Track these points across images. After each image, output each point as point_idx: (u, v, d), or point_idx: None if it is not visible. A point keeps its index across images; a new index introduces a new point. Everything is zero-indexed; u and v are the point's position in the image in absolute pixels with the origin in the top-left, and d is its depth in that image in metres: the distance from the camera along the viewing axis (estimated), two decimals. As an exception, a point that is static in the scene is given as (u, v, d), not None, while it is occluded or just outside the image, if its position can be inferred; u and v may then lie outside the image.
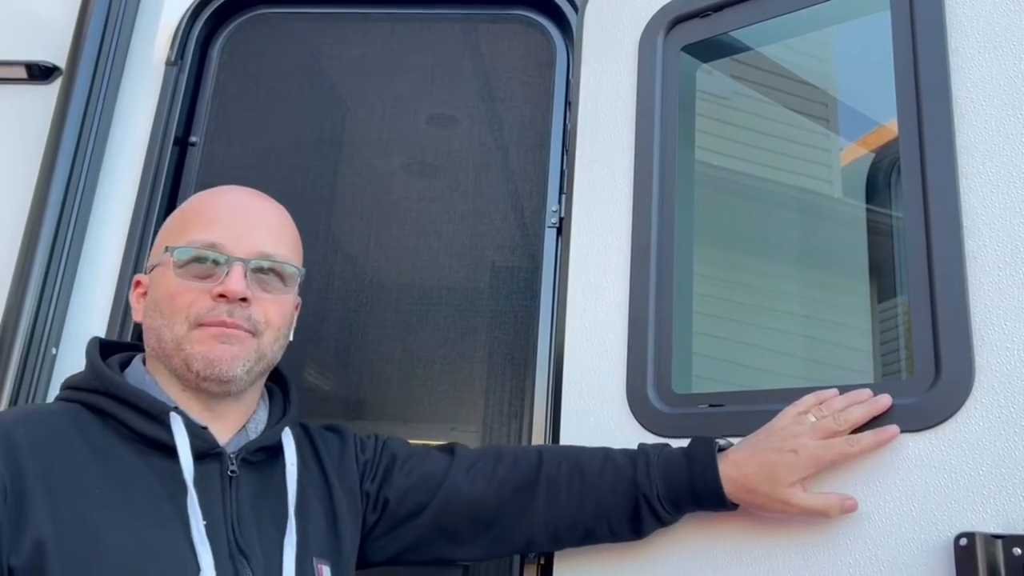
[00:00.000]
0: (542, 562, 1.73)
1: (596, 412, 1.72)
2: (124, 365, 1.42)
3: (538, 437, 1.91)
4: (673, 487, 1.46)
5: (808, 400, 1.45)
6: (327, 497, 1.47)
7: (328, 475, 1.49)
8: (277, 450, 1.43)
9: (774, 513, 1.44)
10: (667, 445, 1.53)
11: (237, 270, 1.35)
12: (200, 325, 1.34)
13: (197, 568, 1.22)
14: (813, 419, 1.42)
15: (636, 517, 1.48)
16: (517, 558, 1.79)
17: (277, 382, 1.54)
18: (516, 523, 1.52)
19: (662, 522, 1.49)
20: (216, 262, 1.36)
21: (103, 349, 1.41)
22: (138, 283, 1.47)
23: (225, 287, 1.34)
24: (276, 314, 1.40)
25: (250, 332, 1.36)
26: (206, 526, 1.25)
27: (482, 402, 2.08)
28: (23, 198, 2.12)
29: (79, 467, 1.22)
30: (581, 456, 1.53)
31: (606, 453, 1.53)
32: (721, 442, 1.49)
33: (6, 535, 1.12)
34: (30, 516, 1.14)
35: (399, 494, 1.52)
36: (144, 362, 1.42)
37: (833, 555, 1.41)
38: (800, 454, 1.39)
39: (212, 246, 1.37)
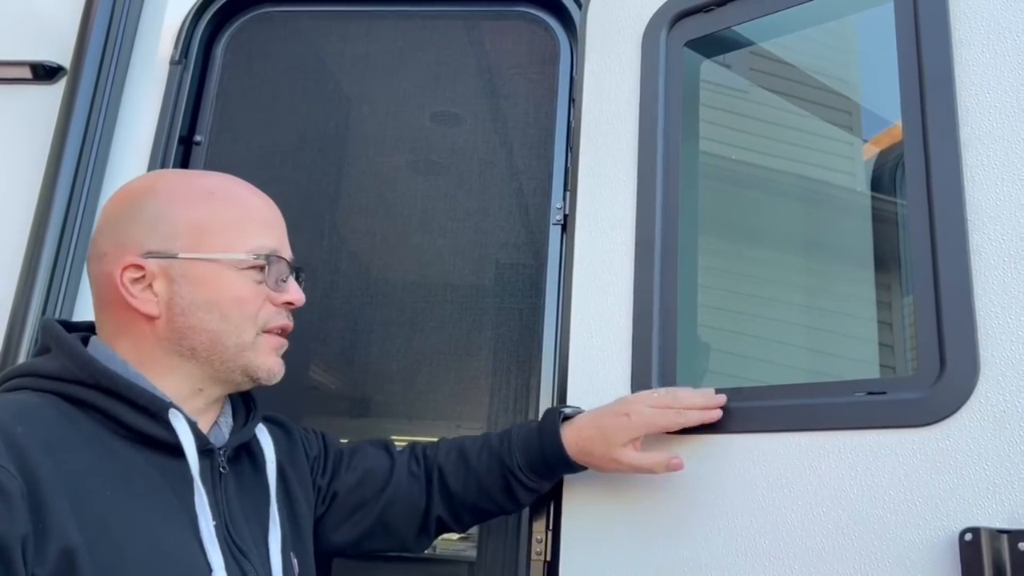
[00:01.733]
0: (547, 559, 1.73)
1: (601, 408, 1.72)
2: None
3: (543, 434, 1.91)
4: (529, 456, 1.61)
5: (660, 389, 1.62)
6: (286, 490, 1.48)
7: (284, 469, 1.50)
8: (244, 445, 1.43)
9: (609, 471, 1.59)
10: (532, 421, 1.69)
11: (294, 279, 1.40)
12: (265, 332, 1.36)
13: (208, 569, 1.20)
14: (656, 395, 1.58)
15: (508, 489, 1.62)
16: (524, 554, 1.80)
17: None
18: (430, 511, 1.63)
19: (531, 489, 1.63)
20: (279, 269, 1.37)
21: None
22: (136, 267, 1.30)
23: (293, 296, 1.37)
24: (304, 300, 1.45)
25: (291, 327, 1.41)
26: (214, 526, 1.24)
27: (487, 399, 2.08)
28: (29, 198, 2.12)
29: (85, 466, 1.16)
30: (465, 443, 1.67)
31: (485, 437, 1.68)
32: (567, 410, 1.64)
33: (31, 545, 1.04)
34: (51, 522, 1.06)
35: (347, 489, 1.59)
36: (102, 342, 1.33)
37: (837, 550, 1.40)
38: (632, 418, 1.54)
39: (275, 251, 1.37)
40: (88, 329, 1.37)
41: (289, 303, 1.37)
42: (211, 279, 1.31)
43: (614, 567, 1.61)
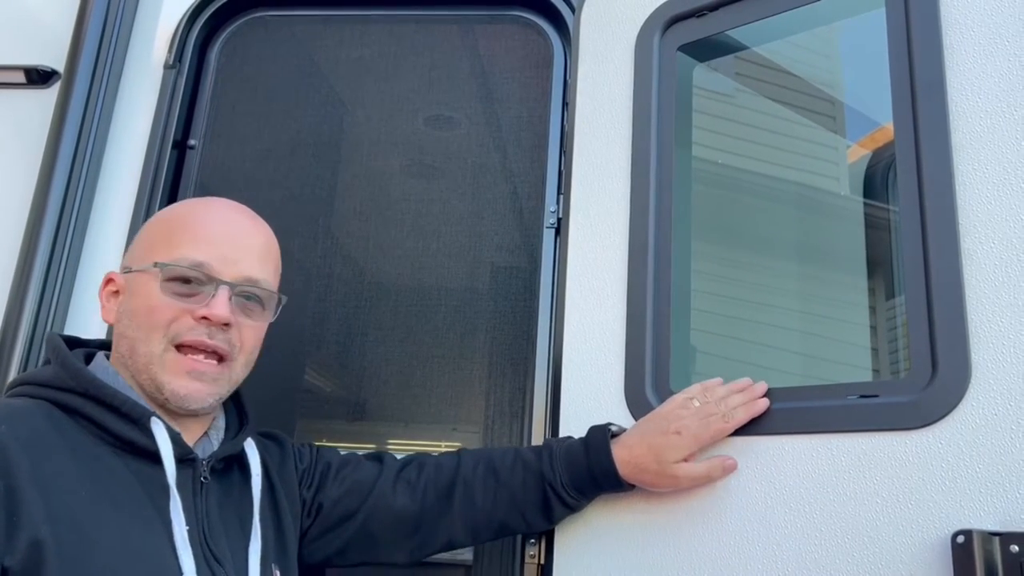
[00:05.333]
0: (541, 562, 1.74)
1: (595, 411, 1.73)
2: (86, 361, 1.39)
3: (537, 436, 1.92)
4: (574, 473, 1.58)
5: (694, 388, 1.58)
6: (274, 504, 1.51)
7: (273, 482, 1.53)
8: (237, 458, 1.46)
9: (665, 488, 1.57)
10: (570, 437, 1.66)
11: (223, 294, 1.35)
12: (178, 347, 1.33)
13: (180, 572, 1.24)
14: (698, 404, 1.55)
15: (546, 505, 1.59)
16: (518, 557, 1.80)
17: None
18: (436, 526, 1.60)
19: (569, 507, 1.61)
20: (203, 283, 1.35)
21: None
22: (110, 280, 1.44)
23: (210, 311, 1.33)
24: (252, 339, 1.41)
25: (224, 357, 1.36)
26: (187, 531, 1.27)
27: (482, 402, 2.08)
28: (23, 202, 2.12)
29: (63, 467, 1.21)
30: (494, 455, 1.64)
31: (516, 451, 1.65)
32: (614, 428, 1.62)
33: (2, 536, 1.11)
34: (24, 516, 1.13)
35: (332, 501, 1.59)
36: (107, 358, 1.40)
37: (830, 553, 1.41)
38: (683, 435, 1.53)
39: (200, 265, 1.35)
40: (101, 346, 1.45)
41: (204, 317, 1.33)
42: (137, 289, 1.38)
43: (607, 571, 1.62)
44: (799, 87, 2.47)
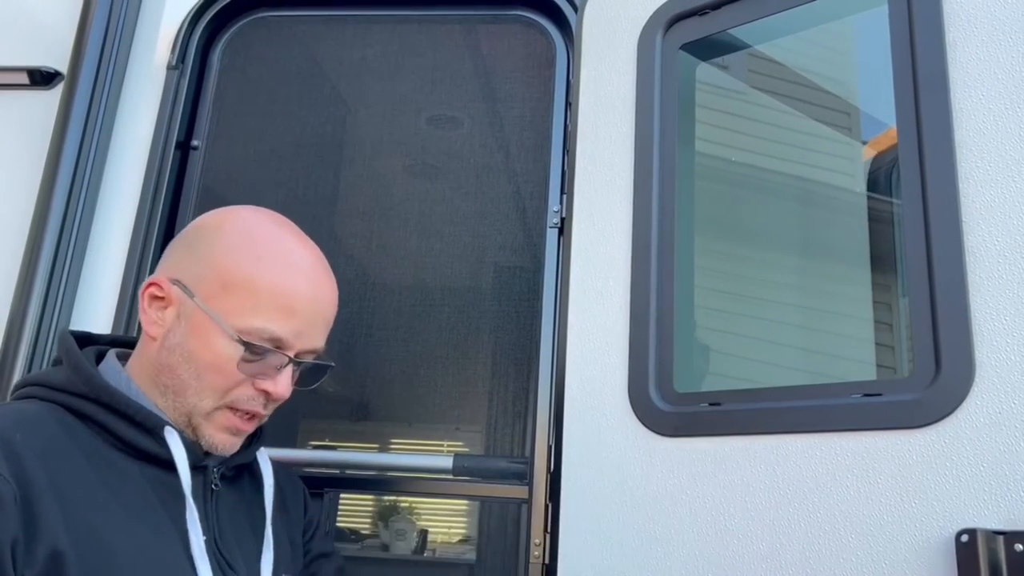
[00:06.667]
0: (546, 562, 1.73)
1: (598, 411, 1.73)
2: (96, 359, 1.37)
3: (541, 437, 1.92)
4: None
5: None
6: (287, 518, 1.52)
7: (287, 500, 1.54)
8: (247, 467, 1.46)
9: None
10: None
11: (289, 372, 1.33)
12: (230, 408, 1.32)
13: None
14: None
15: None
16: (521, 557, 1.80)
17: None
18: None
19: None
20: (272, 354, 1.31)
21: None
22: (155, 285, 1.35)
23: (276, 390, 1.32)
24: (289, 394, 1.39)
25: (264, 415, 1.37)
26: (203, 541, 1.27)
27: (485, 402, 2.09)
28: (26, 204, 2.13)
29: (79, 475, 1.19)
30: None
31: None
32: None
33: (21, 548, 1.08)
34: (41, 526, 1.11)
35: (308, 558, 1.59)
36: (118, 358, 1.38)
37: (834, 553, 1.41)
38: None
39: (278, 340, 1.30)
40: (112, 343, 1.42)
41: (266, 391, 1.32)
42: (203, 334, 1.30)
43: (612, 570, 1.62)
44: (808, 84, 2.47)
